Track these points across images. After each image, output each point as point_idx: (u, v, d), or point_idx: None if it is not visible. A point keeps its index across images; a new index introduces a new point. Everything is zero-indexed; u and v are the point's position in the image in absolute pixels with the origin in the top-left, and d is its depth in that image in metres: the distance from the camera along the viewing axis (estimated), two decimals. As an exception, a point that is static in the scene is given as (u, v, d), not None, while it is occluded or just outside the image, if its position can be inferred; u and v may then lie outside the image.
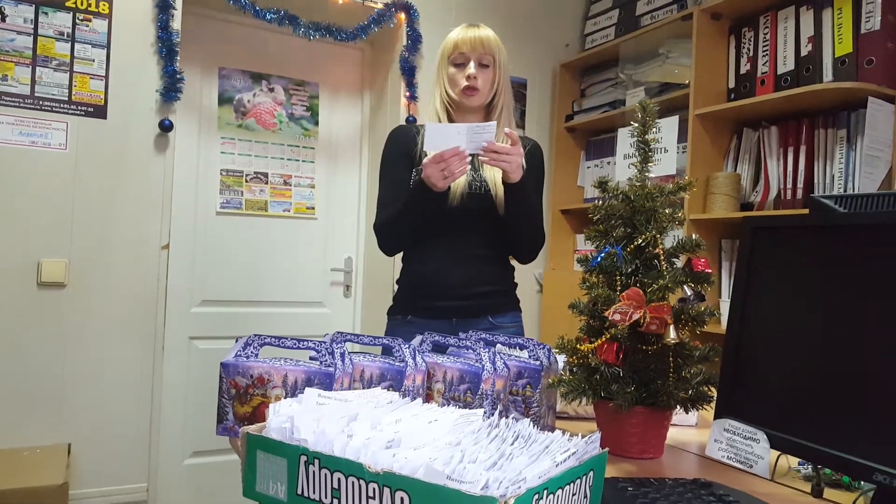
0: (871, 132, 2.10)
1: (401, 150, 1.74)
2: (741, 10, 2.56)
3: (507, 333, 1.61)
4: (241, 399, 1.02)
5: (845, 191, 2.18)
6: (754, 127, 2.55)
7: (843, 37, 2.22)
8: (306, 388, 0.84)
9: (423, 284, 1.71)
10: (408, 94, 2.96)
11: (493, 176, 1.68)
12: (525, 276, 3.21)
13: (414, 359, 1.10)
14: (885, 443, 0.75)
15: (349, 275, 3.19)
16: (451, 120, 1.73)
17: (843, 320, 0.82)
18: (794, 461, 1.07)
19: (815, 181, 2.29)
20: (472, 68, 1.67)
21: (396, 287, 1.81)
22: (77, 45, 2.40)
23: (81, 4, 2.40)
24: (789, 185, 2.36)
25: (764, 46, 2.48)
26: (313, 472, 0.65)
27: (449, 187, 1.59)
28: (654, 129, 1.14)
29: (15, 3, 2.32)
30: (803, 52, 2.34)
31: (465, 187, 1.66)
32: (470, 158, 1.56)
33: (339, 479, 0.63)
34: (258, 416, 1.02)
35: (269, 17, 2.66)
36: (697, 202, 2.57)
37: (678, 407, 1.08)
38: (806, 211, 0.94)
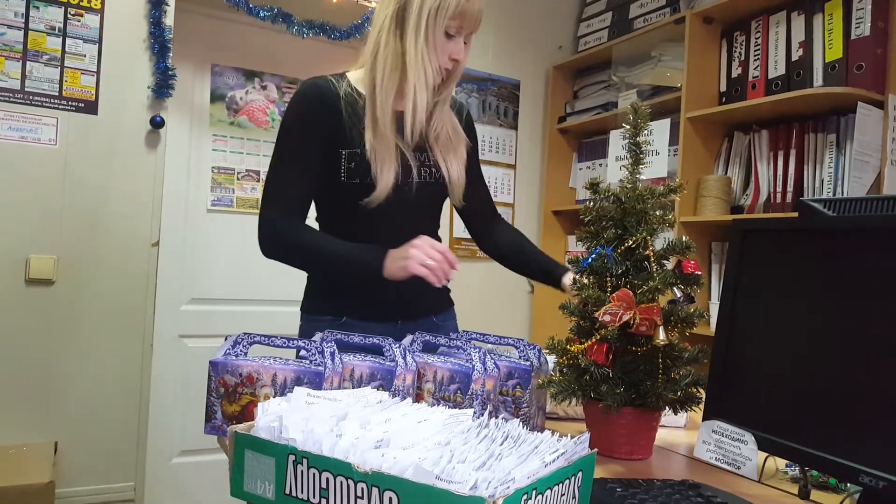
0: (860, 137, 2.12)
1: (315, 124, 1.37)
2: (733, 14, 2.57)
3: (447, 331, 1.50)
4: (230, 398, 1.02)
5: (834, 195, 2.20)
6: (745, 131, 2.56)
7: (834, 42, 2.23)
8: (295, 388, 0.84)
9: (363, 283, 1.40)
10: (401, 93, 2.95)
11: (445, 161, 1.43)
12: (516, 277, 3.21)
13: (404, 358, 1.10)
14: (871, 445, 0.76)
15: (340, 274, 3.18)
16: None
17: (832, 323, 0.83)
18: (781, 463, 1.07)
19: (805, 185, 2.30)
20: (462, 49, 1.37)
21: (320, 281, 1.50)
22: (68, 40, 2.39)
23: (73, -1, 2.39)
24: (779, 189, 2.37)
25: (755, 51, 2.49)
26: (301, 471, 0.65)
27: (401, 180, 1.36)
28: (646, 132, 1.15)
29: (5, -4, 2.30)
30: (794, 57, 2.35)
31: (416, 176, 1.40)
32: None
33: (327, 479, 0.63)
34: (247, 415, 1.01)
35: (262, 15, 2.65)
36: (688, 205, 2.58)
37: (667, 408, 1.08)
38: (795, 214, 0.94)
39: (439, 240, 1.50)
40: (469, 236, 1.68)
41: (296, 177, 1.37)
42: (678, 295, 1.09)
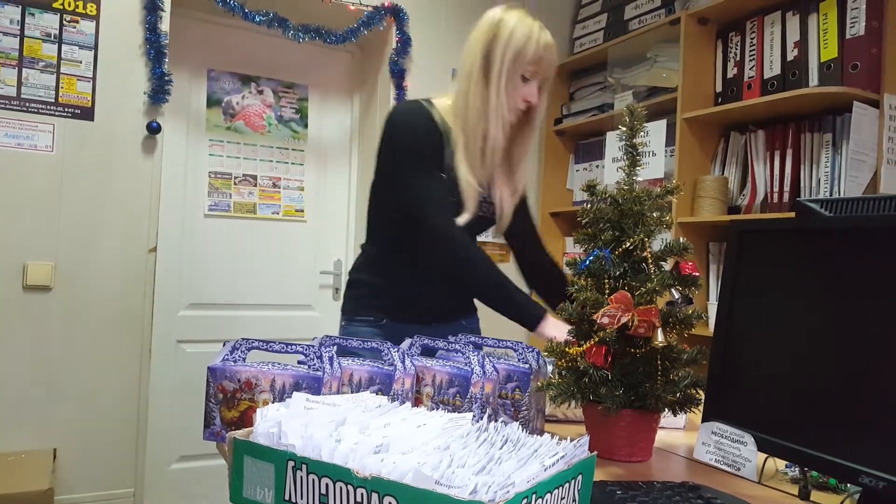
0: (856, 136, 2.12)
1: (433, 150, 1.49)
2: (728, 14, 2.58)
3: (474, 333, 1.64)
4: (229, 404, 1.02)
5: (831, 194, 2.20)
6: (741, 131, 2.57)
7: (829, 42, 2.24)
8: (294, 393, 0.84)
9: (412, 291, 1.58)
10: (397, 96, 2.96)
11: (500, 198, 1.58)
12: (514, 279, 3.21)
13: (403, 362, 1.10)
14: (871, 445, 0.76)
15: (338, 277, 3.18)
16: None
17: (830, 323, 0.83)
18: (781, 464, 1.07)
19: (802, 185, 2.31)
20: (535, 93, 1.48)
21: (366, 286, 1.62)
22: (64, 47, 2.39)
23: (69, 6, 2.39)
24: (776, 189, 2.38)
25: (751, 51, 2.50)
26: (301, 477, 0.65)
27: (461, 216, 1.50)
28: (643, 133, 1.15)
29: (1, 4, 2.30)
30: (789, 57, 2.36)
31: (476, 209, 1.52)
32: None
33: (326, 485, 0.63)
34: (245, 420, 1.01)
35: (258, 20, 2.66)
36: (685, 206, 2.59)
37: (666, 410, 1.08)
38: (792, 214, 0.94)
39: None
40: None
41: (442, 184, 1.48)
42: (676, 296, 1.09)
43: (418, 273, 1.57)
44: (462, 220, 1.47)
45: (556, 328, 1.38)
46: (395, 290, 1.58)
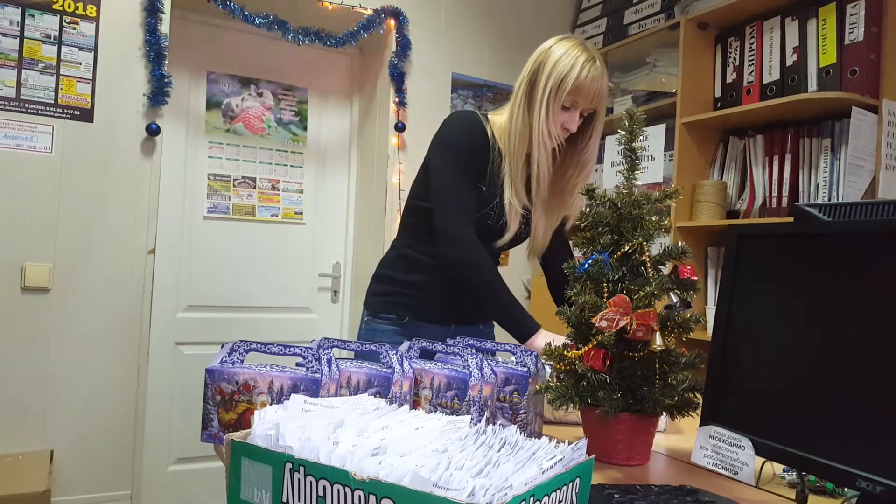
0: (854, 142, 2.13)
1: (481, 153, 1.53)
2: (727, 19, 2.58)
3: (489, 337, 1.67)
4: (227, 405, 1.02)
5: (829, 199, 2.21)
6: (740, 135, 2.57)
7: (828, 47, 2.25)
8: (292, 395, 0.84)
9: (435, 291, 1.60)
10: (397, 99, 2.96)
11: (535, 223, 1.60)
12: (513, 282, 3.22)
13: (401, 365, 1.10)
14: (868, 450, 0.76)
15: (337, 280, 3.18)
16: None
17: (827, 327, 0.83)
18: (778, 468, 1.07)
19: (800, 189, 2.31)
20: (575, 121, 1.50)
21: (390, 282, 1.66)
22: (64, 48, 2.39)
23: (69, 7, 2.39)
24: (774, 194, 2.38)
25: (750, 56, 2.50)
26: (298, 479, 0.65)
27: (504, 234, 1.54)
28: (642, 138, 1.15)
29: (1, 5, 2.30)
30: (788, 62, 2.36)
31: (515, 232, 1.56)
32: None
33: (324, 487, 0.63)
34: (243, 422, 1.01)
35: (258, 22, 2.66)
36: (684, 210, 2.59)
37: (664, 413, 1.08)
38: (791, 219, 0.94)
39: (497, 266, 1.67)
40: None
41: (474, 195, 1.52)
42: (674, 300, 1.09)
43: (442, 274, 1.58)
44: (504, 239, 1.54)
45: (547, 338, 1.40)
46: (418, 288, 1.62)
